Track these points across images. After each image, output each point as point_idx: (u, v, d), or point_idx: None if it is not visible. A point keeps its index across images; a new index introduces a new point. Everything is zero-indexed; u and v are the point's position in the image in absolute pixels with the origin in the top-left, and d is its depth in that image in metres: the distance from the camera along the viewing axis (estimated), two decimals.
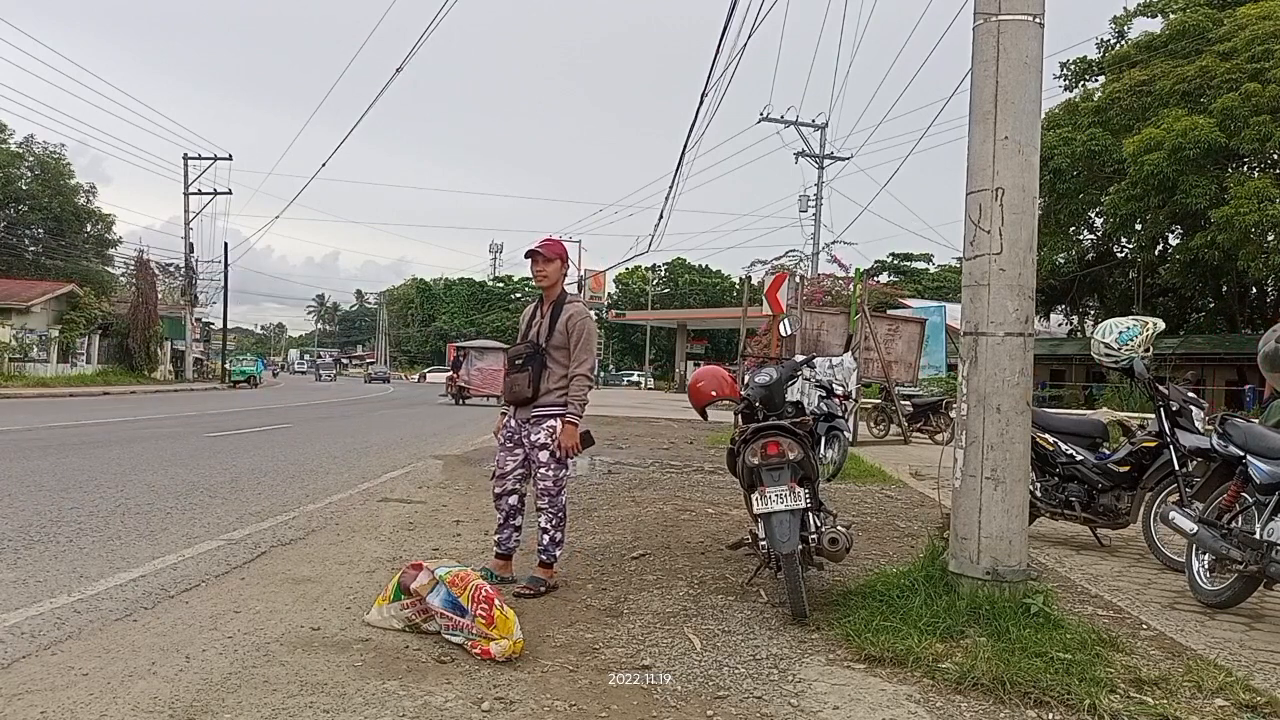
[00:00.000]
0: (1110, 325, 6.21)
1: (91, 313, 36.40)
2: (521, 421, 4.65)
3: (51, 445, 11.20)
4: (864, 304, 15.22)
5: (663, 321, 61.71)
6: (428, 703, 3.06)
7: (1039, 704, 3.16)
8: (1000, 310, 4.05)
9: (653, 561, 5.34)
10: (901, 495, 8.71)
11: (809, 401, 5.65)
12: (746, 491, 4.64)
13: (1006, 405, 4.03)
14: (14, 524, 5.93)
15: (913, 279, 58.12)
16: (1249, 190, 21.39)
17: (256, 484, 8.33)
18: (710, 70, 12.18)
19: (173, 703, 2.98)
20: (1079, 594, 4.86)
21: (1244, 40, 22.48)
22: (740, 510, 6.67)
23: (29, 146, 43.94)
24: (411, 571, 3.89)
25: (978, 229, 4.10)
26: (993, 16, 4.11)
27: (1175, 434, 5.68)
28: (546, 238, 4.84)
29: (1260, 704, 3.18)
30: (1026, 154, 4.07)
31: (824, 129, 33.54)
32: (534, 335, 4.67)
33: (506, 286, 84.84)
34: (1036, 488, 6.12)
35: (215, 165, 41.65)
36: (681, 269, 72.10)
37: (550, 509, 4.60)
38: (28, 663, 3.35)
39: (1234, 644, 4.06)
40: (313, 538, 5.90)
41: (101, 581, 4.55)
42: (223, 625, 3.86)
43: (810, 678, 3.40)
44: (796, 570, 4.05)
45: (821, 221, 35.07)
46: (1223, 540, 4.55)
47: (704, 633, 3.93)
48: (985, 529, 4.02)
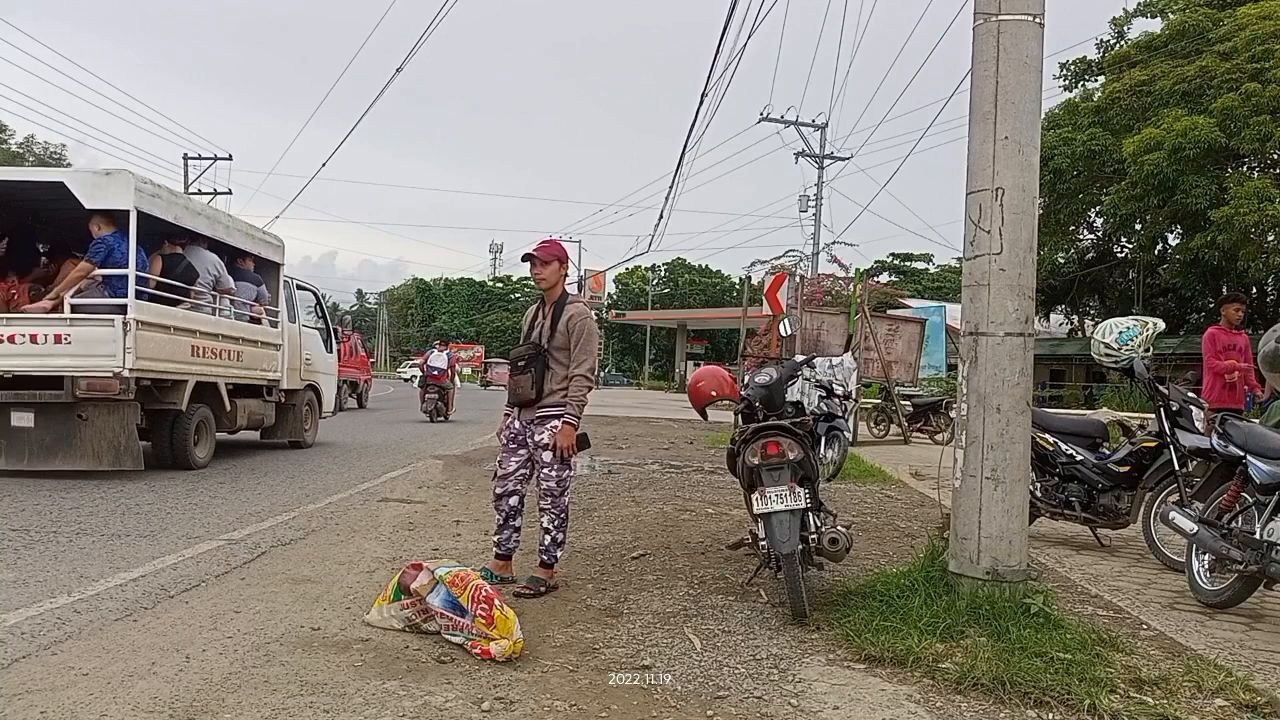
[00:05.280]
0: (1110, 325, 6.21)
1: None
2: (526, 422, 4.66)
3: None
4: (864, 304, 15.22)
5: (663, 321, 61.70)
6: (428, 703, 3.06)
7: (1039, 704, 3.16)
8: (1000, 310, 4.05)
9: (653, 561, 5.34)
10: (901, 495, 8.71)
11: (809, 401, 5.65)
12: (746, 491, 4.64)
13: (1006, 405, 4.03)
14: (14, 524, 5.93)
15: (913, 279, 58.08)
16: (1249, 190, 21.37)
17: (256, 484, 8.33)
18: (710, 70, 12.18)
19: (173, 703, 2.98)
20: (1079, 594, 4.86)
21: (1244, 40, 22.46)
22: (740, 510, 6.67)
23: (29, 146, 43.97)
24: (411, 571, 3.89)
25: (978, 229, 4.10)
26: (993, 16, 4.11)
27: (1175, 434, 5.67)
28: (544, 239, 4.84)
29: (1260, 704, 3.18)
30: (1026, 154, 4.07)
31: (824, 129, 33.55)
32: (536, 336, 4.67)
33: (506, 286, 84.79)
34: (1036, 488, 6.12)
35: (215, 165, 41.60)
36: (681, 269, 72.08)
37: (553, 509, 4.60)
38: (28, 663, 3.35)
39: (1234, 644, 4.06)
40: (313, 538, 5.90)
41: (101, 581, 4.55)
42: (223, 625, 3.86)
43: (810, 678, 3.40)
44: (796, 570, 4.05)
45: (821, 221, 35.05)
46: (1223, 540, 4.55)
47: (704, 633, 3.93)
48: (985, 529, 4.02)
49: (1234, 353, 7.69)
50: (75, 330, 7.98)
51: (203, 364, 9.24)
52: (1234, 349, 7.71)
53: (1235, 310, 8.00)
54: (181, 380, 8.87)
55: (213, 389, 9.52)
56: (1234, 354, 7.69)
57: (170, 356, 8.64)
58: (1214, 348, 7.75)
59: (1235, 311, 7.98)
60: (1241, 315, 8.02)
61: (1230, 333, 7.82)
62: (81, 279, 8.13)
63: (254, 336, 10.34)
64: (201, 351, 9.19)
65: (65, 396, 7.88)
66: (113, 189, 8.10)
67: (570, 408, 4.55)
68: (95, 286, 8.21)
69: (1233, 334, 7.81)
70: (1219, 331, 7.83)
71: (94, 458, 8.08)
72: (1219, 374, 7.62)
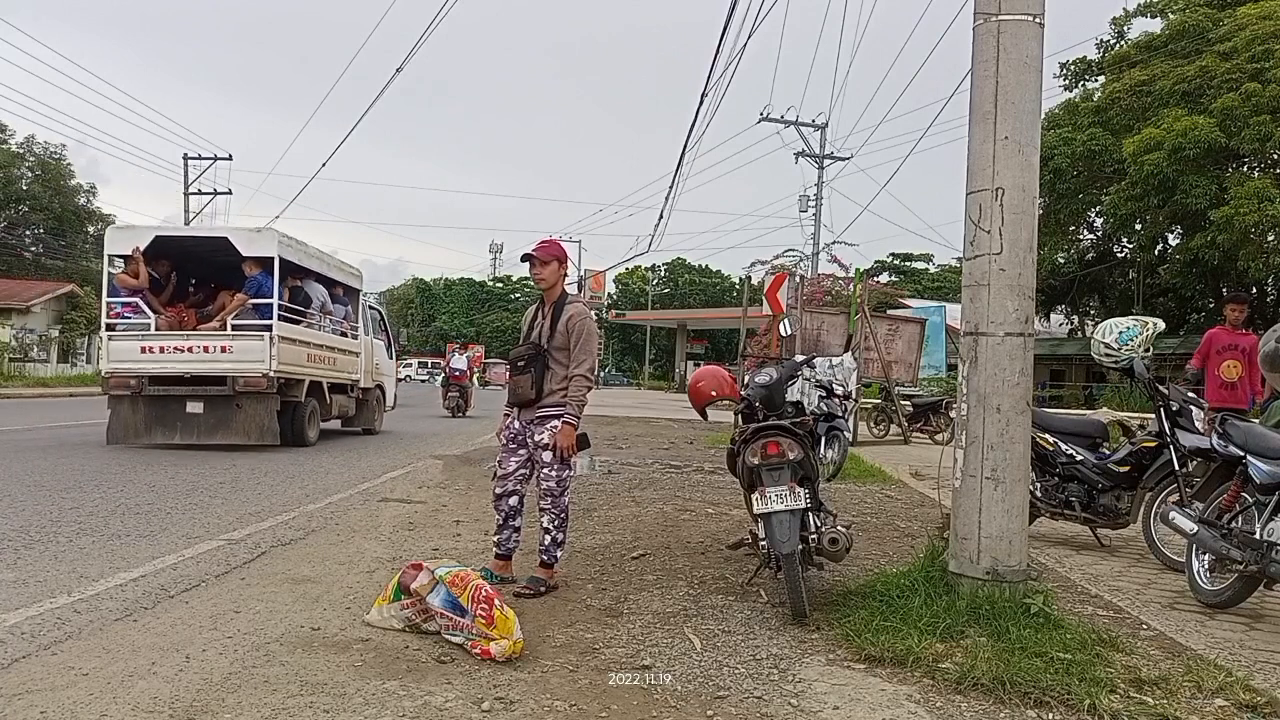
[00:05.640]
0: (1110, 325, 6.21)
1: (92, 313, 36.35)
2: (525, 422, 4.65)
3: (51, 445, 11.20)
4: (864, 304, 15.22)
5: (663, 321, 61.72)
6: (428, 703, 3.06)
7: (1039, 704, 3.16)
8: (1000, 310, 4.05)
9: (653, 561, 5.34)
10: (901, 495, 8.71)
11: (809, 401, 5.64)
12: (746, 491, 4.64)
13: (1006, 405, 4.03)
14: (14, 524, 5.93)
15: (913, 279, 58.09)
16: (1249, 190, 21.36)
17: (256, 484, 8.33)
18: (710, 70, 12.18)
19: (173, 703, 2.98)
20: (1079, 594, 4.86)
21: (1244, 40, 22.46)
22: (740, 510, 6.67)
23: (29, 147, 43.92)
24: (411, 571, 3.89)
25: (978, 229, 4.10)
26: (993, 16, 4.11)
27: (1175, 434, 5.68)
28: (544, 239, 4.84)
29: (1260, 704, 3.18)
30: (1026, 154, 4.07)
31: (824, 129, 33.54)
32: (536, 336, 4.67)
33: (506, 286, 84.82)
34: (1036, 488, 6.12)
35: (215, 165, 41.60)
36: (681, 269, 72.11)
37: (553, 509, 4.60)
38: (28, 663, 3.35)
39: (1234, 644, 4.06)
40: (313, 538, 5.90)
41: (101, 581, 4.55)
42: (223, 625, 3.86)
43: (810, 678, 3.40)
44: (796, 570, 4.05)
45: (821, 221, 35.06)
46: (1223, 540, 4.55)
47: (704, 633, 3.93)
48: (985, 529, 4.02)
49: (1235, 353, 7.61)
50: (235, 343, 11.02)
51: (313, 368, 12.16)
52: (1235, 350, 7.62)
53: (1235, 310, 7.90)
54: (301, 379, 11.78)
55: (318, 386, 12.45)
56: (1235, 355, 7.60)
57: (295, 361, 11.55)
58: (1208, 348, 7.72)
59: (1235, 312, 7.89)
60: (1242, 315, 7.91)
61: (1233, 333, 7.70)
62: (239, 307, 11.23)
63: (343, 347, 13.38)
64: (313, 358, 12.14)
65: (227, 390, 10.87)
66: (262, 242, 11.29)
67: (570, 408, 4.54)
68: (247, 311, 11.21)
69: (1236, 334, 7.69)
70: (1220, 332, 7.76)
71: (245, 435, 11.04)
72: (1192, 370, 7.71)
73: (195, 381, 10.94)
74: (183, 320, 11.60)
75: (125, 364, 10.94)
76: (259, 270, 11.22)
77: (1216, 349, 7.69)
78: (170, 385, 10.96)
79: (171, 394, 10.97)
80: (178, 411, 11.01)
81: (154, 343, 10.97)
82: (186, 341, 11.02)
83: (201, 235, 12.82)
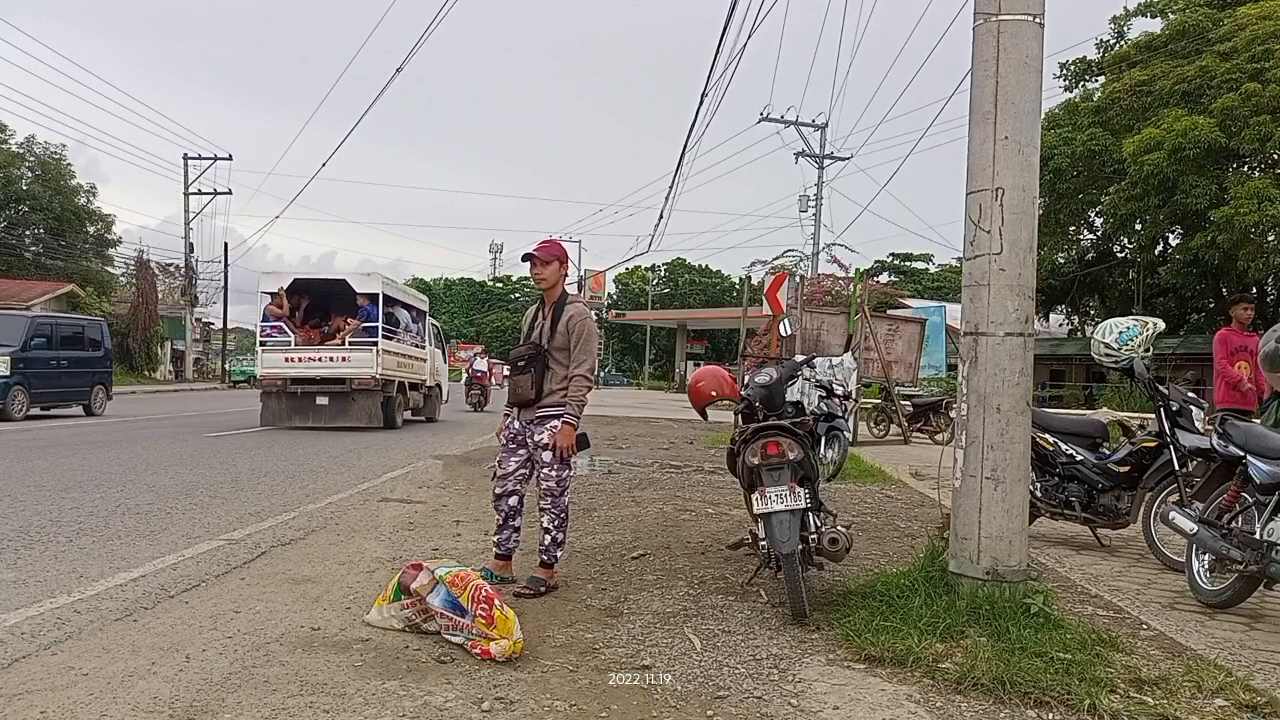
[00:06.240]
0: (1110, 325, 6.21)
1: (92, 313, 36.39)
2: (525, 422, 4.66)
3: (51, 445, 11.21)
4: (864, 304, 15.22)
5: (663, 321, 61.69)
6: (428, 703, 3.06)
7: (1039, 704, 3.16)
8: (1000, 310, 4.05)
9: (653, 561, 5.34)
10: (901, 495, 8.71)
11: (809, 401, 5.64)
12: (746, 491, 4.64)
13: (1006, 405, 4.03)
14: (14, 524, 5.93)
15: (913, 279, 58.11)
16: (1249, 190, 21.36)
17: (256, 484, 8.33)
18: (710, 70, 12.18)
19: (173, 703, 2.98)
20: (1079, 594, 4.86)
21: (1244, 40, 22.45)
22: (740, 510, 6.67)
23: (29, 146, 43.88)
24: (411, 571, 3.89)
25: (978, 229, 4.10)
26: (993, 16, 4.11)
27: (1175, 434, 5.67)
28: (544, 239, 4.84)
29: (1260, 704, 3.18)
30: (1026, 154, 4.07)
31: (824, 129, 33.56)
32: (536, 336, 4.67)
33: (506, 286, 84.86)
34: (1036, 488, 6.12)
35: (215, 165, 41.68)
36: (681, 269, 72.09)
37: (553, 509, 4.60)
38: (28, 663, 3.35)
39: (1234, 644, 4.06)
40: (313, 538, 5.90)
41: (101, 581, 4.55)
42: (223, 625, 3.86)
43: (810, 678, 3.40)
44: (796, 570, 4.05)
45: (821, 221, 35.06)
46: (1223, 540, 4.55)
47: (704, 633, 3.93)
48: (985, 529, 4.02)
49: (1245, 355, 7.36)
50: (351, 354, 15.18)
51: (401, 372, 16.33)
52: (1245, 351, 7.41)
53: (1244, 310, 7.66)
54: (394, 380, 15.87)
55: (403, 385, 16.50)
56: (1245, 356, 7.36)
57: (390, 367, 15.62)
58: (1225, 350, 7.41)
59: (1244, 311, 7.66)
60: (1250, 315, 7.70)
61: (1242, 334, 7.49)
62: (355, 329, 15.25)
63: (416, 355, 17.51)
64: (400, 365, 16.30)
65: (346, 389, 15.01)
66: (370, 282, 15.52)
67: (570, 408, 4.54)
68: (359, 331, 15.23)
69: (1244, 335, 7.48)
70: (1230, 333, 7.50)
71: (358, 420, 15.13)
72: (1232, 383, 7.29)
73: (323, 382, 15.01)
74: (309, 338, 15.64)
75: (273, 370, 15.06)
76: (367, 301, 15.28)
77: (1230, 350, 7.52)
78: (305, 384, 15.01)
79: (306, 391, 15.03)
80: (310, 403, 15.05)
81: (294, 354, 15.12)
82: (317, 353, 15.26)
83: (327, 277, 16.46)
